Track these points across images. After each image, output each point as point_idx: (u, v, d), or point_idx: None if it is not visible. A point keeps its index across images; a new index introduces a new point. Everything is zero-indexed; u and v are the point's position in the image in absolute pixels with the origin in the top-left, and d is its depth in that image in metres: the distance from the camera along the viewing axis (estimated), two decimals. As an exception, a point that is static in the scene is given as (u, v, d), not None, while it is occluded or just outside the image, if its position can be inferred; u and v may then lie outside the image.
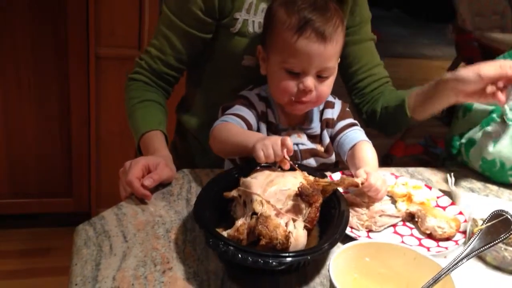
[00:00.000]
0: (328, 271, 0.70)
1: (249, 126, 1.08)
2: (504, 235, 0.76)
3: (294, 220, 0.83)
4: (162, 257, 0.83)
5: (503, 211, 0.81)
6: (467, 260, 0.74)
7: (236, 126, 1.06)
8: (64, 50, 2.10)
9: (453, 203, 1.07)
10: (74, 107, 2.19)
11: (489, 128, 1.24)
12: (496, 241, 0.76)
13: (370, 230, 0.98)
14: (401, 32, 7.35)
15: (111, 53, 2.15)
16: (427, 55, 6.53)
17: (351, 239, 0.92)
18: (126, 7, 2.11)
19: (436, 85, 1.13)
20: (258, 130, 1.11)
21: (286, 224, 0.81)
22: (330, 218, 0.87)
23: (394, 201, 1.07)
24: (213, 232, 0.78)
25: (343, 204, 0.90)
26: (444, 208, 1.05)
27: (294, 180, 0.87)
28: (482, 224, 0.81)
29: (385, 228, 0.99)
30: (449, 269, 0.71)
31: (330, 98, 1.17)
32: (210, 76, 1.25)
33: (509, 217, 0.79)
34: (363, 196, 1.00)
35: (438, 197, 1.09)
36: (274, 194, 0.84)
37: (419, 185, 1.11)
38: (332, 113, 1.15)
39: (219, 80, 1.25)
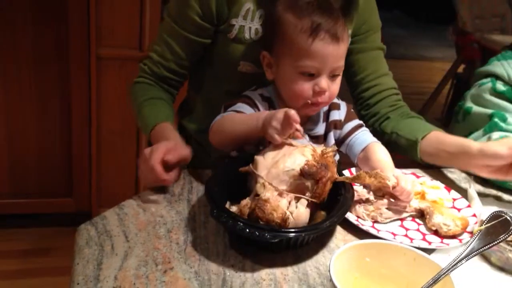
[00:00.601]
0: (329, 271, 0.70)
1: None
2: (503, 236, 0.77)
3: (298, 199, 0.87)
4: (163, 257, 0.83)
5: (502, 212, 0.82)
6: (467, 260, 0.74)
7: (236, 114, 1.06)
8: (65, 50, 2.11)
9: (469, 206, 1.07)
10: (75, 107, 2.20)
11: (495, 135, 1.24)
12: (495, 242, 0.77)
13: (375, 221, 1.00)
14: (402, 33, 7.36)
15: (112, 54, 2.16)
16: (428, 56, 6.54)
17: (355, 229, 0.95)
18: (127, 7, 2.12)
19: (459, 154, 1.09)
20: None
21: (289, 203, 0.85)
22: (335, 204, 0.91)
23: None
24: (218, 205, 0.86)
25: (348, 192, 0.94)
26: (459, 210, 1.05)
27: (300, 159, 0.89)
28: (482, 225, 0.81)
29: (391, 221, 1.01)
30: (449, 269, 0.71)
31: (335, 100, 1.17)
32: (208, 80, 1.26)
33: (508, 218, 0.80)
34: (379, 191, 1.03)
35: (454, 199, 1.08)
36: (277, 175, 0.87)
37: (437, 186, 1.12)
38: (339, 115, 1.16)
39: (217, 85, 1.25)
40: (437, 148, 1.14)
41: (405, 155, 1.22)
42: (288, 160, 0.89)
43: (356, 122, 1.17)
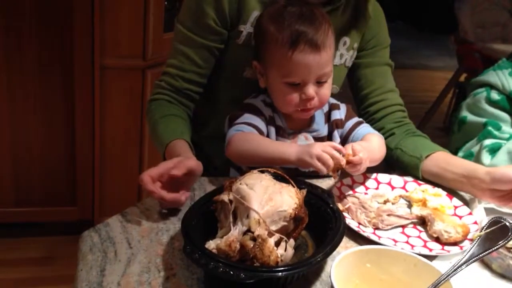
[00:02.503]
0: (330, 277, 0.71)
1: (261, 134, 1.10)
2: (502, 242, 0.77)
3: (285, 241, 0.82)
4: (166, 264, 0.84)
5: (501, 218, 0.82)
6: (466, 266, 0.74)
7: (259, 137, 1.07)
8: (70, 60, 2.13)
9: (470, 213, 1.07)
10: (78, 117, 2.21)
11: (487, 142, 1.25)
12: (494, 248, 0.77)
13: (377, 228, 1.00)
14: (404, 43, 7.37)
15: (116, 63, 2.18)
16: (430, 66, 6.56)
17: (357, 235, 0.96)
18: (131, 17, 2.14)
19: (465, 176, 1.09)
20: (268, 135, 1.12)
21: (278, 243, 0.80)
22: (325, 236, 0.85)
23: (410, 206, 1.09)
24: (191, 240, 0.78)
25: (340, 224, 0.87)
26: (460, 217, 1.05)
27: (290, 201, 0.84)
28: (481, 231, 0.82)
29: (392, 228, 1.01)
30: (449, 275, 0.72)
31: (333, 101, 1.20)
32: (213, 86, 1.27)
33: (507, 224, 0.80)
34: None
35: (456, 207, 1.08)
36: (272, 214, 0.82)
37: (439, 193, 1.12)
38: (339, 114, 1.18)
39: (221, 90, 1.26)
40: (443, 168, 1.14)
41: (406, 172, 1.20)
42: (280, 199, 0.83)
43: (356, 119, 1.19)
